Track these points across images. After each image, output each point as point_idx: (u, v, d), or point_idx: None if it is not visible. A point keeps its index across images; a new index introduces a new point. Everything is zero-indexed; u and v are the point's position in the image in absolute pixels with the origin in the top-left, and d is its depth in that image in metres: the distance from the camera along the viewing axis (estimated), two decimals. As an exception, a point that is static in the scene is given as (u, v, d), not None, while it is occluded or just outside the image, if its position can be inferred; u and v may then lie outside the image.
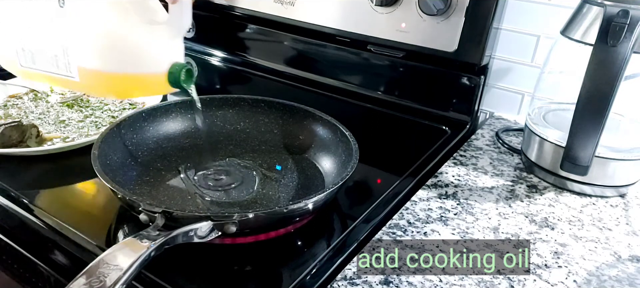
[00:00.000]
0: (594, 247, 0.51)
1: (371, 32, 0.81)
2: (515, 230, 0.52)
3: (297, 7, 0.87)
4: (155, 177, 0.56)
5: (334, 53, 0.87)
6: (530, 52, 0.79)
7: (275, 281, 0.45)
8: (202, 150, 0.61)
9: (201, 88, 0.96)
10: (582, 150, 0.54)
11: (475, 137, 0.74)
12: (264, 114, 0.65)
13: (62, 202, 0.52)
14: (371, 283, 0.43)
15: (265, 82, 0.94)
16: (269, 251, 0.47)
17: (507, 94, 0.83)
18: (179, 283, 0.42)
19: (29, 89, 0.78)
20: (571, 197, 0.60)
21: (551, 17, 0.75)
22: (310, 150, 0.61)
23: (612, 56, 0.51)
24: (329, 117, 0.61)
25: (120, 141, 0.56)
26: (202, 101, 0.65)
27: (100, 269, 0.35)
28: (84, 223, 0.48)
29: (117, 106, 0.74)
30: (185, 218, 0.42)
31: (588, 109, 0.53)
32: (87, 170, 0.52)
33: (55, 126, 0.67)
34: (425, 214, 0.54)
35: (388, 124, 0.80)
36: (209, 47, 1.03)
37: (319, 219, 0.51)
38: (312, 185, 0.56)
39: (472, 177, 0.62)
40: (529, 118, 0.65)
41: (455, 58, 0.75)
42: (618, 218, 0.56)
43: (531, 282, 0.45)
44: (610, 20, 0.51)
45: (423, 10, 0.75)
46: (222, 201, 0.52)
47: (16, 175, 0.57)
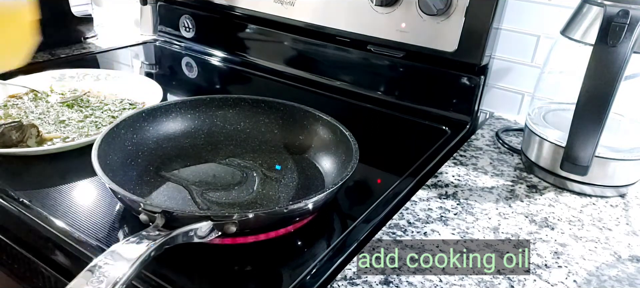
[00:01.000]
0: (594, 247, 0.51)
1: (371, 32, 0.81)
2: (515, 230, 0.52)
3: (297, 7, 0.87)
4: (155, 177, 0.56)
5: (334, 53, 0.87)
6: (530, 52, 0.79)
7: (275, 281, 0.45)
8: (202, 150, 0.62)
9: (201, 88, 0.97)
10: (582, 150, 0.54)
11: (475, 137, 0.74)
12: (264, 114, 0.65)
13: (62, 202, 0.52)
14: (371, 283, 0.43)
15: (265, 82, 0.94)
16: (269, 251, 0.47)
17: (507, 94, 0.83)
18: (179, 283, 0.42)
19: (29, 89, 0.78)
20: (571, 197, 0.60)
21: (551, 17, 0.75)
22: (311, 150, 0.61)
23: (612, 56, 0.51)
24: (329, 117, 0.61)
25: (120, 141, 0.56)
26: (202, 101, 0.65)
27: (100, 269, 0.35)
28: (84, 223, 0.48)
29: (117, 106, 0.74)
30: (185, 218, 0.42)
31: (588, 109, 0.53)
32: (87, 170, 0.52)
33: (55, 126, 0.67)
34: (425, 214, 0.54)
35: (388, 124, 0.80)
36: (209, 47, 1.03)
37: (319, 219, 0.51)
38: (312, 185, 0.56)
39: (472, 177, 0.62)
40: (529, 118, 0.65)
41: (455, 58, 0.75)
42: (618, 218, 0.56)
43: (531, 282, 0.45)
44: (610, 20, 0.51)
45: (423, 10, 0.75)
46: (222, 201, 0.52)
47: (16, 175, 0.57)
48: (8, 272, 0.54)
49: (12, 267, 0.53)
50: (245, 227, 0.44)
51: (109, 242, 0.46)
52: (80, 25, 1.08)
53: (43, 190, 0.54)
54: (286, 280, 0.44)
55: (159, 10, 1.09)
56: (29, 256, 0.50)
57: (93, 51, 1.04)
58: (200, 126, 0.64)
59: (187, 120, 0.64)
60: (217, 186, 0.55)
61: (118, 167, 0.53)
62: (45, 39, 1.00)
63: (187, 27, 1.05)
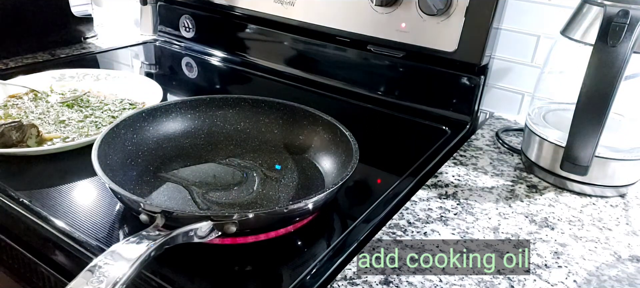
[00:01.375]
0: (594, 247, 0.51)
1: (371, 32, 0.81)
2: (515, 230, 0.52)
3: (297, 7, 0.87)
4: (155, 177, 0.56)
5: (334, 53, 0.87)
6: (530, 52, 0.79)
7: (275, 281, 0.45)
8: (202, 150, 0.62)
9: (201, 88, 0.97)
10: (582, 150, 0.54)
11: (475, 137, 0.74)
12: (264, 114, 0.65)
13: (62, 202, 0.52)
14: (371, 283, 0.43)
15: (266, 82, 0.94)
16: (269, 251, 0.47)
17: (507, 94, 0.83)
18: (179, 283, 0.42)
19: (29, 89, 0.78)
20: (571, 197, 0.60)
21: (551, 17, 0.75)
22: (311, 150, 0.61)
23: (612, 56, 0.51)
24: (329, 117, 0.61)
25: (120, 141, 0.56)
26: (202, 101, 0.65)
27: (100, 269, 0.35)
28: (84, 223, 0.48)
29: (117, 106, 0.74)
30: (185, 218, 0.42)
31: (588, 108, 0.53)
32: (87, 170, 0.52)
33: (55, 126, 0.67)
34: (425, 214, 0.54)
35: (388, 124, 0.80)
36: (209, 47, 1.03)
37: (319, 219, 0.51)
38: (312, 185, 0.56)
39: (472, 177, 0.62)
40: (529, 118, 0.65)
41: (455, 58, 0.75)
42: (618, 218, 0.56)
43: (531, 282, 0.45)
44: (610, 20, 0.51)
45: (423, 10, 0.75)
46: (222, 201, 0.52)
47: (16, 175, 0.57)
48: (8, 272, 0.54)
49: (12, 267, 0.53)
50: (245, 227, 0.44)
51: (109, 242, 0.46)
52: (80, 25, 1.08)
53: (43, 190, 0.54)
54: (286, 280, 0.44)
55: (159, 10, 1.09)
56: (29, 256, 0.50)
57: (93, 51, 1.04)
58: (200, 126, 0.64)
59: (187, 120, 0.64)
60: (217, 186, 0.55)
61: (118, 167, 0.53)
62: (45, 39, 1.01)
63: (187, 27, 1.05)
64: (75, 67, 0.85)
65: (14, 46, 0.96)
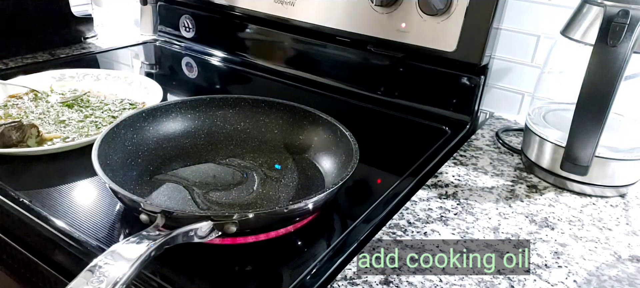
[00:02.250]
0: (594, 247, 0.51)
1: (371, 32, 0.81)
2: (515, 230, 0.52)
3: (297, 7, 0.87)
4: (155, 176, 0.56)
5: (334, 53, 0.87)
6: (530, 52, 0.79)
7: (275, 281, 0.45)
8: (202, 150, 0.62)
9: (201, 88, 0.97)
10: (582, 150, 0.54)
11: (475, 137, 0.74)
12: (264, 114, 0.65)
13: (62, 202, 0.52)
14: (371, 283, 0.43)
15: (265, 82, 0.94)
16: (269, 251, 0.47)
17: (507, 94, 0.83)
18: (179, 283, 0.42)
19: (29, 89, 0.78)
20: (571, 197, 0.60)
21: (551, 17, 0.75)
22: (311, 150, 0.61)
23: (612, 56, 0.51)
24: (329, 117, 0.61)
25: (121, 141, 0.56)
26: (202, 101, 0.65)
27: (101, 269, 0.35)
28: (84, 223, 0.48)
29: (117, 106, 0.74)
30: (185, 218, 0.42)
31: (588, 109, 0.53)
32: (87, 170, 0.52)
33: (55, 126, 0.67)
34: (425, 214, 0.54)
35: (388, 124, 0.80)
36: (209, 47, 1.03)
37: (319, 219, 0.51)
38: (312, 185, 0.56)
39: (472, 177, 0.62)
40: (529, 118, 0.65)
41: (455, 58, 0.75)
42: (618, 218, 0.56)
43: (531, 282, 0.45)
44: (610, 20, 0.51)
45: (423, 10, 0.75)
46: (222, 201, 0.52)
47: (16, 175, 0.57)
48: (8, 272, 0.54)
49: (12, 267, 0.53)
50: (246, 227, 0.44)
51: (109, 242, 0.46)
52: (80, 25, 1.08)
53: (43, 190, 0.54)
54: (286, 280, 0.44)
55: (159, 10, 1.09)
56: (29, 256, 0.50)
57: (93, 51, 1.04)
58: (200, 126, 0.64)
59: (187, 120, 0.64)
60: (217, 186, 0.55)
61: (118, 167, 0.53)
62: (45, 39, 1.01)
63: (187, 27, 1.05)
64: (75, 67, 0.85)
65: (14, 46, 0.96)
